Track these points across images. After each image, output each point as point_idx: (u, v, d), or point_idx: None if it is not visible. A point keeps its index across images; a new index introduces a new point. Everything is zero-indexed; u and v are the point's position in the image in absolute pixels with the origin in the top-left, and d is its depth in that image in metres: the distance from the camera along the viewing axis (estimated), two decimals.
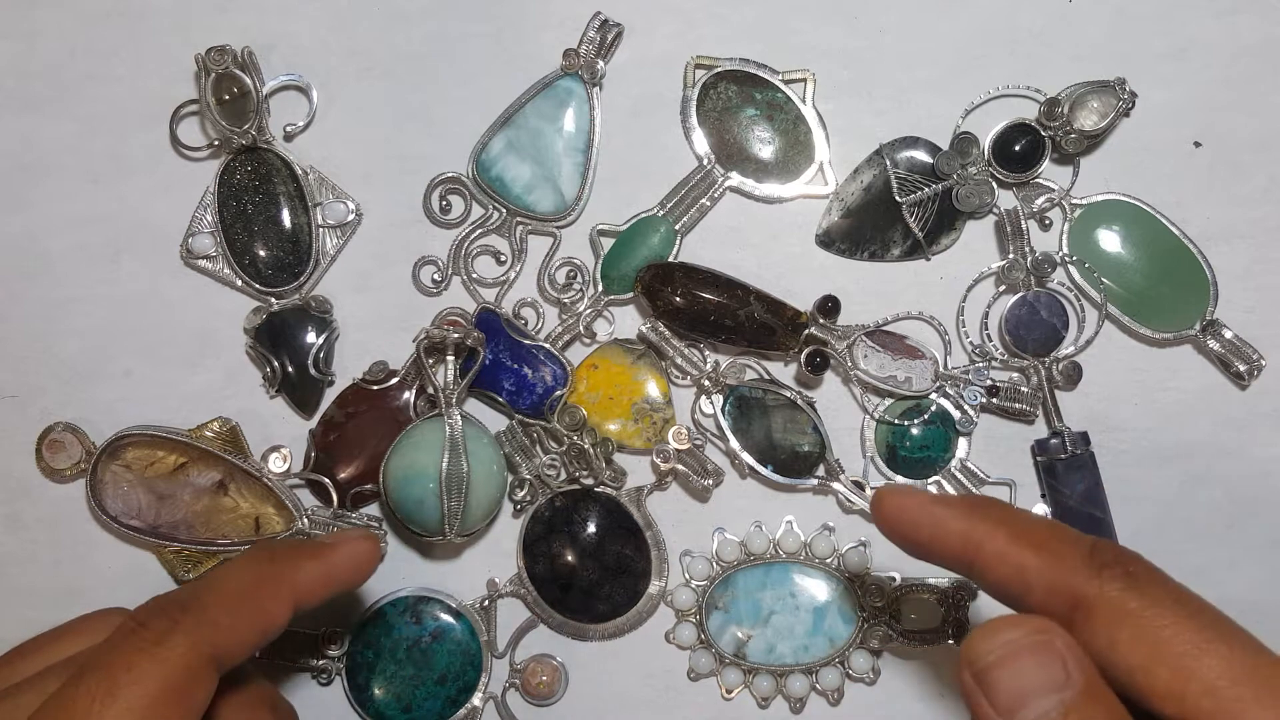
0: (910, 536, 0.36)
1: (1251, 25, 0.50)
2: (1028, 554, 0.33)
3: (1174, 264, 0.49)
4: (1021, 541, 0.33)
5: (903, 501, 0.36)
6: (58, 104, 0.51)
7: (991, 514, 0.35)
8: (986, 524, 0.34)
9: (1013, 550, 0.33)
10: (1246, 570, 0.50)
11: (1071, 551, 0.33)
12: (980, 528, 0.34)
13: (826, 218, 0.50)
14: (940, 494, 0.36)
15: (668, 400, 0.50)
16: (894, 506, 0.36)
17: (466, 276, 0.51)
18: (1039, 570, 0.33)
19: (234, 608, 0.37)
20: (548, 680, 0.50)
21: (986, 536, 0.34)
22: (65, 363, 0.51)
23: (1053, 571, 0.32)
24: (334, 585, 0.41)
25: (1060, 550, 0.33)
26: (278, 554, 0.40)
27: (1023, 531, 0.34)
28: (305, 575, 0.40)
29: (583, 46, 0.50)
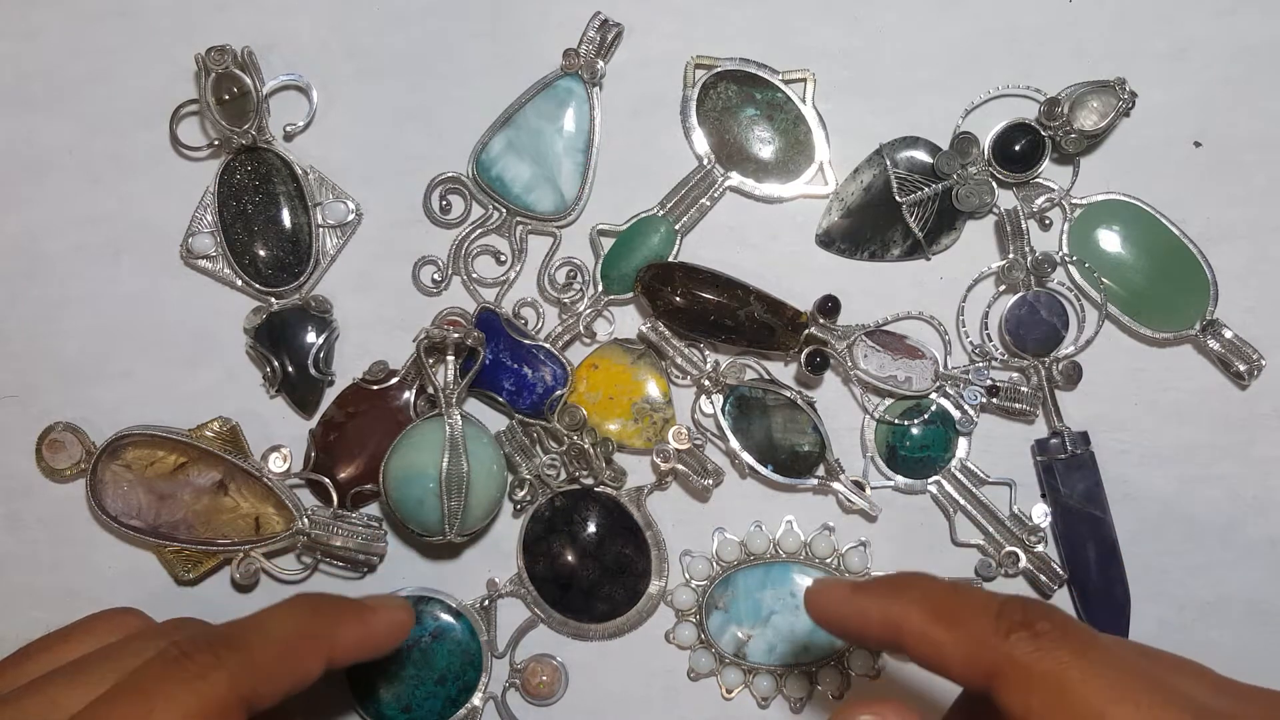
0: (838, 628, 0.38)
1: (1251, 25, 0.50)
2: (940, 630, 0.33)
3: (1174, 264, 0.49)
4: (935, 618, 0.34)
5: (827, 595, 0.38)
6: (58, 104, 0.51)
7: (909, 593, 0.35)
8: (901, 604, 0.35)
9: (929, 628, 0.34)
10: (1246, 570, 0.50)
11: (978, 620, 0.33)
12: (895, 609, 0.35)
13: (826, 218, 0.50)
14: (862, 582, 0.37)
15: (668, 400, 0.50)
16: (819, 600, 0.38)
17: (466, 276, 0.51)
18: (953, 644, 0.33)
19: (276, 655, 0.37)
20: (548, 680, 0.50)
21: (903, 618, 0.34)
22: (65, 363, 0.51)
23: (964, 644, 0.33)
24: (368, 650, 0.41)
25: (969, 621, 0.33)
26: (322, 610, 0.40)
27: (937, 606, 0.34)
28: (344, 636, 0.40)
29: (583, 46, 0.50)
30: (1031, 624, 0.32)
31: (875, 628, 0.35)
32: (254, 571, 0.49)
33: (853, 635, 0.37)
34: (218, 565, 0.50)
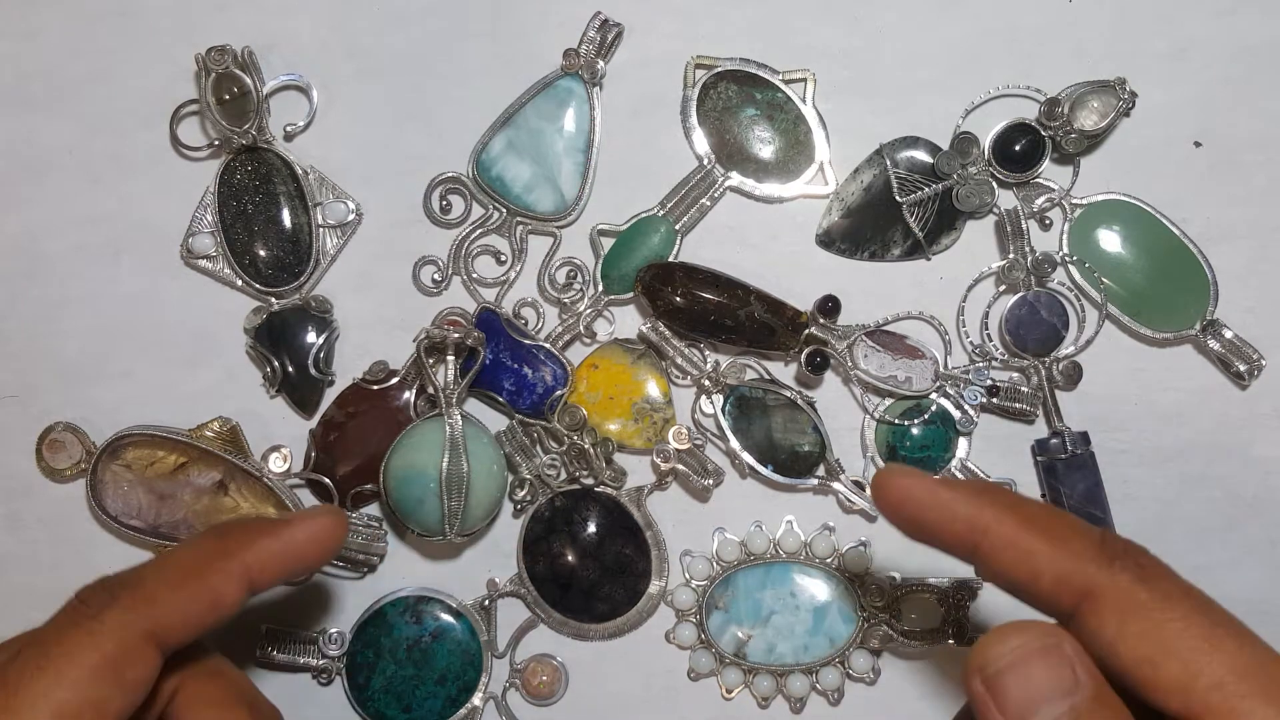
0: (915, 518, 0.35)
1: (1251, 25, 0.50)
2: (1037, 541, 0.32)
3: (1174, 264, 0.49)
4: (1031, 528, 0.33)
5: (907, 483, 0.35)
6: (58, 104, 0.51)
7: (999, 499, 0.34)
8: (994, 509, 0.33)
9: (1022, 536, 0.33)
10: (1247, 570, 0.50)
11: (1082, 540, 0.32)
12: (987, 512, 0.33)
13: (826, 217, 0.50)
14: (945, 478, 0.36)
15: (668, 400, 0.50)
16: (898, 488, 0.35)
17: (466, 276, 0.51)
18: (1049, 557, 0.32)
19: (177, 584, 0.36)
20: (548, 680, 0.50)
21: (994, 521, 0.33)
22: (65, 362, 0.51)
23: (1063, 559, 0.32)
24: (291, 563, 0.39)
25: (1070, 539, 0.32)
26: (229, 531, 0.38)
27: (1032, 518, 0.33)
28: (259, 553, 0.38)
29: (583, 46, 0.50)
30: (1136, 556, 0.32)
31: (958, 526, 0.34)
32: None
33: (926, 530, 0.35)
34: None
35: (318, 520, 0.40)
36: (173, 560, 0.37)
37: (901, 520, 0.36)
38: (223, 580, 0.37)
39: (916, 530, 0.36)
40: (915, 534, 0.36)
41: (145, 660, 0.34)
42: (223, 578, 0.37)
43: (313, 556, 0.40)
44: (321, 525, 0.40)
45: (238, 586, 0.37)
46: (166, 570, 0.36)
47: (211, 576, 0.37)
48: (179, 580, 0.36)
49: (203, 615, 0.36)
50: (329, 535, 0.40)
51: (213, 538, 0.38)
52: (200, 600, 0.36)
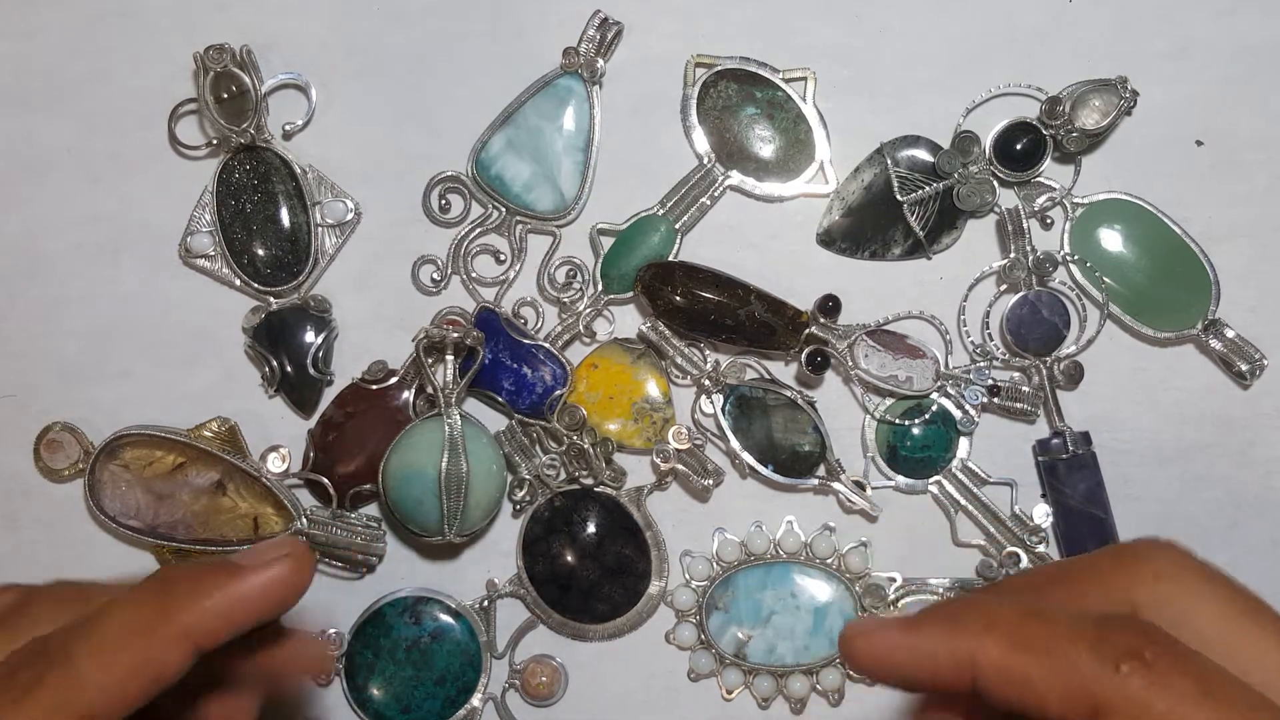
0: (895, 678, 0.31)
1: (1253, 24, 0.49)
2: (1029, 663, 0.29)
3: (1176, 263, 0.49)
4: (1018, 648, 0.29)
5: (874, 641, 0.31)
6: (56, 103, 0.51)
7: (975, 624, 0.30)
8: (971, 637, 0.29)
9: (1012, 661, 0.29)
10: (1248, 571, 0.49)
11: (1077, 648, 0.28)
12: (965, 644, 0.29)
13: (827, 217, 0.50)
14: (910, 618, 0.31)
15: (668, 400, 0.50)
16: (865, 648, 0.31)
17: (466, 276, 0.51)
18: (1047, 681, 0.28)
19: (110, 661, 0.32)
20: (547, 681, 0.50)
21: (979, 652, 0.29)
22: (63, 362, 0.51)
23: (1063, 678, 0.28)
24: (242, 619, 0.34)
25: (1064, 650, 0.29)
26: (174, 587, 0.34)
27: (1018, 634, 0.29)
28: (203, 614, 0.33)
29: (582, 45, 0.50)
30: (1140, 652, 0.28)
31: (945, 672, 0.30)
32: None
33: (917, 684, 0.31)
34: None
35: (273, 569, 0.34)
36: (107, 629, 0.33)
37: (887, 679, 0.32)
38: (161, 649, 0.32)
39: (905, 685, 0.32)
40: (909, 689, 0.32)
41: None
42: (161, 646, 0.33)
43: (268, 610, 0.34)
44: (278, 574, 0.34)
45: (179, 654, 0.33)
46: (101, 642, 0.32)
47: (150, 647, 0.33)
48: (113, 654, 0.32)
49: (141, 690, 0.32)
50: (287, 585, 0.35)
51: (152, 596, 0.34)
52: (138, 676, 0.32)
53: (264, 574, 0.34)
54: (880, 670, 0.31)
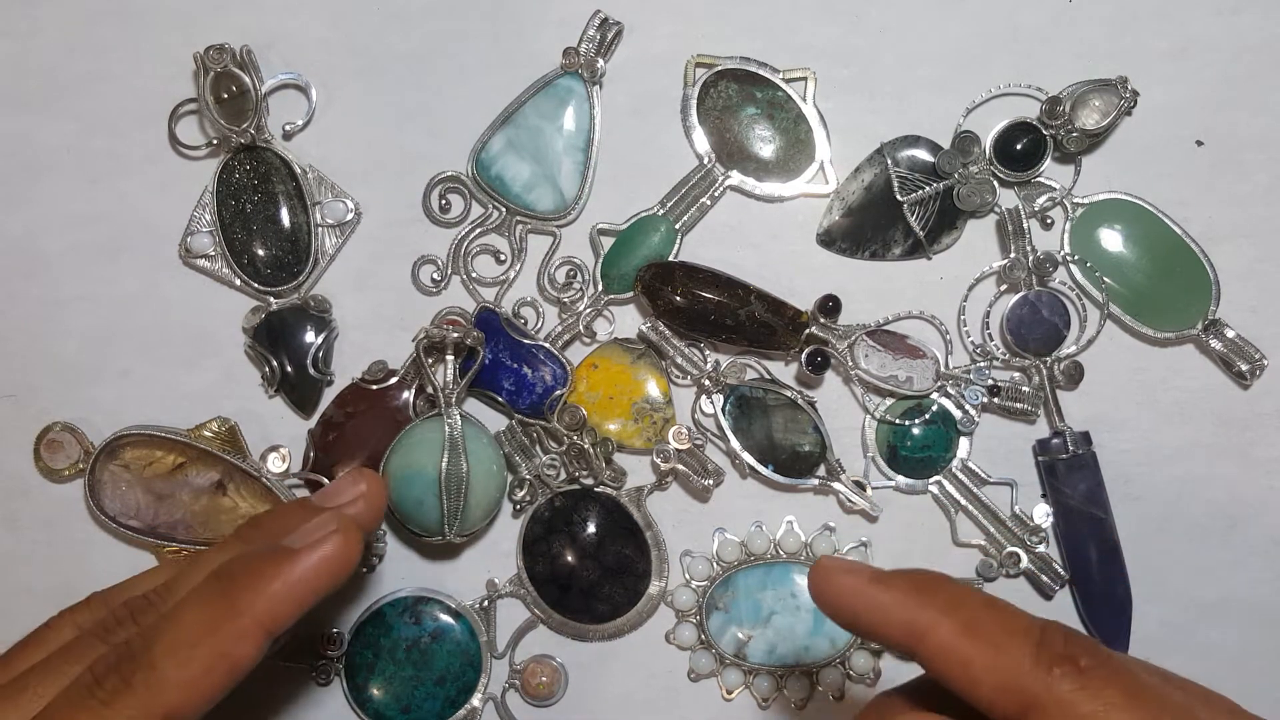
0: (847, 619, 0.34)
1: (1253, 24, 0.49)
2: (974, 648, 0.31)
3: (1176, 263, 0.49)
4: (967, 633, 0.31)
5: (840, 582, 0.34)
6: (56, 103, 0.51)
7: (936, 600, 0.32)
8: (930, 612, 0.32)
9: (958, 643, 0.31)
10: (1248, 570, 0.50)
11: (1019, 646, 0.31)
12: (924, 616, 0.32)
13: (827, 217, 0.50)
14: (881, 573, 0.33)
15: (668, 400, 0.50)
16: (829, 586, 0.34)
17: (466, 276, 0.51)
18: (985, 667, 0.31)
19: (188, 659, 0.34)
20: (547, 681, 0.50)
21: (930, 627, 0.32)
22: (63, 362, 0.51)
23: (1001, 669, 0.30)
24: (307, 599, 0.36)
25: (1008, 645, 0.31)
26: (236, 583, 0.35)
27: (970, 621, 0.31)
28: (270, 601, 0.35)
29: (583, 45, 0.50)
30: (1076, 659, 0.30)
31: (894, 630, 0.32)
32: None
33: (863, 631, 0.34)
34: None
35: (325, 546, 0.36)
36: (183, 631, 0.34)
37: (840, 619, 0.34)
38: (237, 643, 0.34)
39: (853, 628, 0.34)
40: (855, 632, 0.35)
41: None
42: (237, 640, 0.34)
43: (327, 586, 0.36)
44: (331, 551, 0.36)
45: (252, 645, 0.35)
46: (178, 644, 0.34)
47: (223, 642, 0.34)
48: (192, 654, 0.34)
49: (221, 684, 0.34)
50: (340, 560, 0.36)
51: (219, 595, 0.35)
52: (215, 670, 0.34)
53: (317, 553, 0.36)
54: (837, 609, 0.34)
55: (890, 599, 0.33)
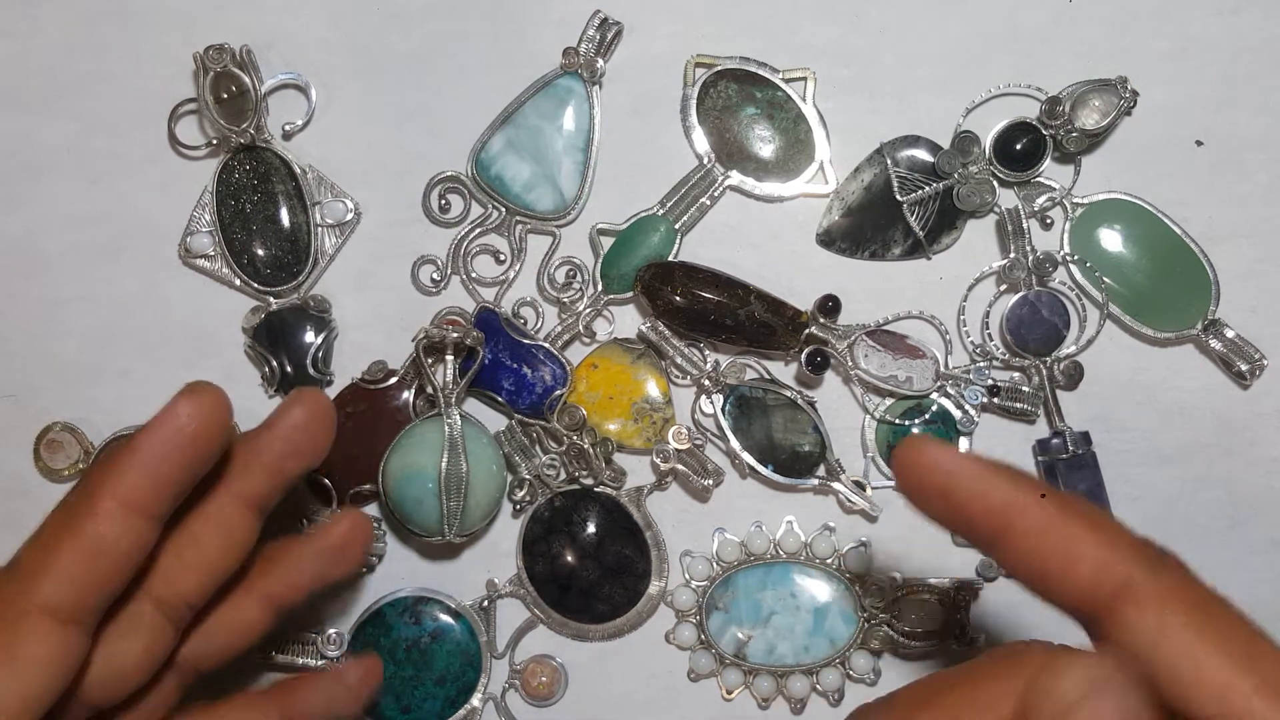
0: (943, 490, 0.32)
1: (1253, 24, 0.49)
2: (1080, 527, 0.30)
3: (1176, 263, 0.49)
4: (1072, 513, 0.31)
5: (938, 451, 0.32)
6: (55, 103, 0.51)
7: (1035, 482, 0.32)
8: (1033, 489, 0.31)
9: (1063, 520, 0.30)
10: (1248, 570, 0.50)
11: (1128, 535, 0.31)
12: (1025, 493, 0.31)
13: (827, 217, 0.50)
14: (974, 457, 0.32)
15: (668, 400, 0.50)
16: (928, 456, 0.32)
17: (466, 276, 0.50)
18: (1092, 544, 0.30)
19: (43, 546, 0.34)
20: (547, 681, 0.50)
21: (1034, 503, 0.31)
22: (63, 362, 0.51)
23: (1109, 547, 0.30)
24: (165, 470, 0.35)
25: (1116, 531, 0.31)
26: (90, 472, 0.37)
27: (1072, 504, 0.31)
28: (121, 474, 0.35)
29: (582, 45, 0.50)
30: (1180, 561, 0.30)
31: (992, 502, 0.31)
32: None
33: (954, 507, 0.32)
34: None
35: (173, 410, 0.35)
36: (41, 530, 0.35)
37: (925, 493, 0.32)
38: (94, 521, 0.34)
39: (940, 504, 0.32)
40: (937, 509, 0.33)
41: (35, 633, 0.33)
42: (93, 519, 0.34)
43: (187, 452, 0.35)
44: (178, 415, 0.35)
45: (113, 521, 0.34)
46: (34, 540, 0.35)
47: (79, 523, 0.34)
48: (46, 543, 0.34)
49: (89, 565, 0.33)
50: (190, 419, 0.35)
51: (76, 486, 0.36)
52: (77, 551, 0.33)
53: (165, 417, 0.36)
54: (932, 478, 0.32)
55: (990, 471, 0.31)
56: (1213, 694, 0.28)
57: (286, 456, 0.39)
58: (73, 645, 0.34)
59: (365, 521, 0.42)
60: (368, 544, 0.42)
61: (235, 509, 0.38)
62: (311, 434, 0.40)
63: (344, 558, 0.41)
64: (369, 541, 0.42)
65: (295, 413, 0.40)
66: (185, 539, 0.38)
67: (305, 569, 0.40)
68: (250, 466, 0.39)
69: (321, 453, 0.41)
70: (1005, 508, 0.31)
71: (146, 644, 0.37)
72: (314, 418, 0.40)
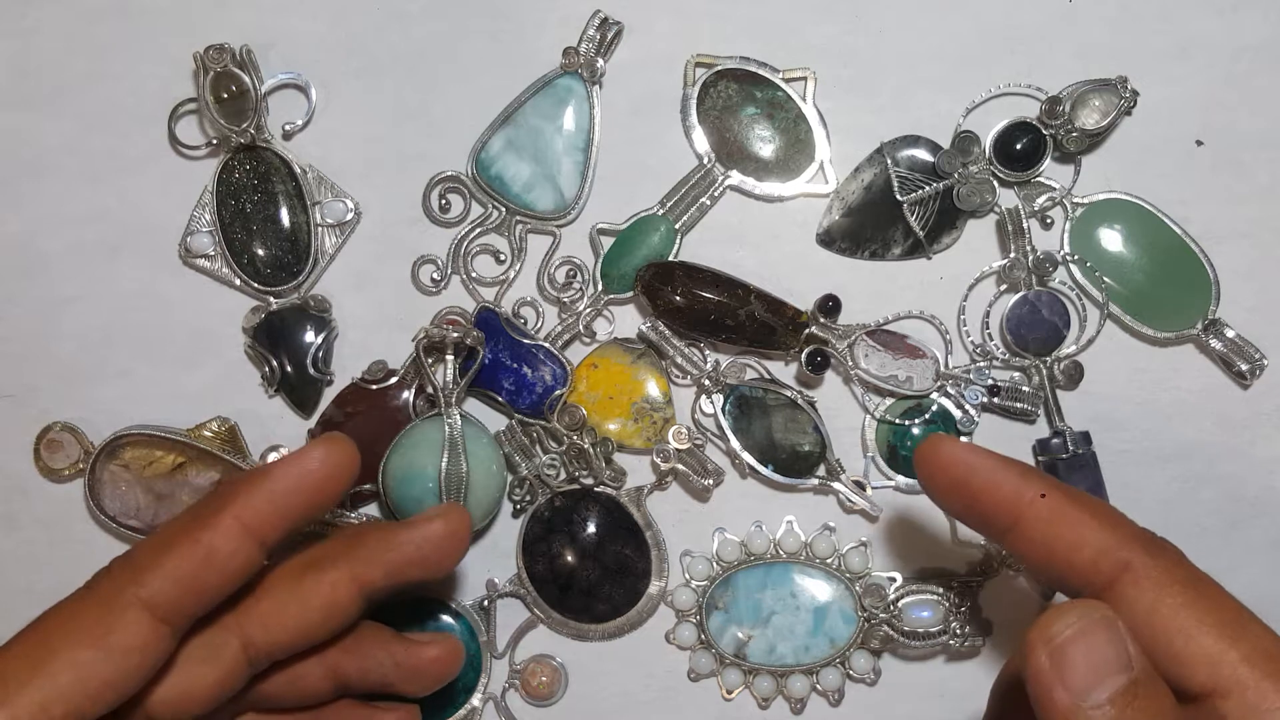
0: (961, 481, 0.36)
1: (1253, 23, 0.49)
2: (1085, 514, 0.34)
3: (1176, 263, 0.49)
4: (1078, 503, 0.35)
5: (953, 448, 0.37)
6: (56, 102, 0.51)
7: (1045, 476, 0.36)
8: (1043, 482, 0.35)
9: (1070, 509, 0.34)
10: (1248, 570, 0.50)
11: (1128, 524, 0.34)
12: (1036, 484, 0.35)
13: (827, 216, 0.50)
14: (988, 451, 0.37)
15: (668, 400, 0.50)
16: (948, 450, 0.37)
17: (466, 275, 0.50)
18: (1096, 530, 0.34)
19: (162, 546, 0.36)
20: (547, 681, 0.50)
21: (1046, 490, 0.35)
22: (63, 362, 0.51)
23: (1110, 534, 0.34)
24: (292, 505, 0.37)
25: (1117, 519, 0.35)
26: (223, 486, 0.38)
27: (1078, 495, 0.35)
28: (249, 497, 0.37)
29: (582, 45, 0.50)
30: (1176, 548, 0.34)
31: (1005, 492, 0.35)
32: None
33: (971, 496, 0.36)
34: None
35: (308, 453, 0.38)
36: (164, 527, 0.37)
37: (944, 484, 0.37)
38: (212, 534, 0.36)
39: (957, 494, 0.37)
40: (955, 499, 0.37)
41: (132, 625, 0.35)
42: (210, 532, 0.36)
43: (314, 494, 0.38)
44: (313, 457, 0.38)
45: (229, 537, 0.36)
46: (155, 537, 0.37)
47: (198, 533, 0.36)
48: (164, 544, 0.36)
49: (197, 573, 0.35)
50: (324, 464, 0.38)
51: (204, 498, 0.38)
52: (190, 556, 0.35)
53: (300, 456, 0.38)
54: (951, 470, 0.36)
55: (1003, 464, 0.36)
56: (1204, 664, 0.31)
57: (412, 564, 0.40)
58: (161, 644, 0.35)
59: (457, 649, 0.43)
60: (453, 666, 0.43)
61: (348, 589, 0.39)
62: (444, 551, 0.40)
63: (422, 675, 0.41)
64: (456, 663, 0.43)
65: (436, 526, 0.40)
66: (294, 596, 0.38)
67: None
68: (376, 557, 0.39)
69: (445, 571, 0.41)
70: (1016, 499, 0.35)
71: (220, 676, 0.38)
72: (451, 537, 0.40)
